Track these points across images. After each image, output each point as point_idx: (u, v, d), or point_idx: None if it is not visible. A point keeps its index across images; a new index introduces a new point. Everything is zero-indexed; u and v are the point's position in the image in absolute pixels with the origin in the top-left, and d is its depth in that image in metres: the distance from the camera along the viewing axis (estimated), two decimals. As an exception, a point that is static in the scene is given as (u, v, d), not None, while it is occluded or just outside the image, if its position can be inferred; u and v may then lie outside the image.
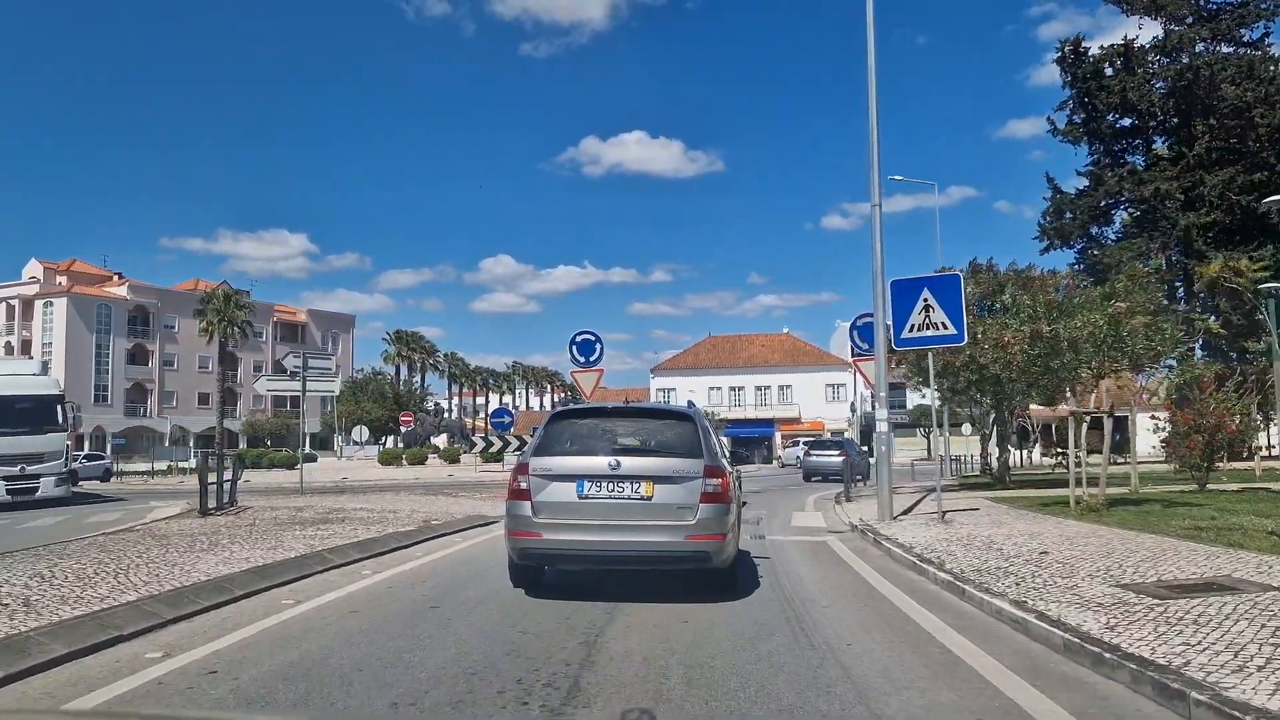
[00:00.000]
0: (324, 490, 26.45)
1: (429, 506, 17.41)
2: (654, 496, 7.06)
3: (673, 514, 7.05)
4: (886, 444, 13.91)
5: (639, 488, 7.06)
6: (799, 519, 16.43)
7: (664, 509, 7.05)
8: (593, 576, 8.08)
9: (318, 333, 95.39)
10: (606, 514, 7.04)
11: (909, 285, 13.36)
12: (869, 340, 23.45)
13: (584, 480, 7.10)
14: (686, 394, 74.74)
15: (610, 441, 7.40)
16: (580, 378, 26.25)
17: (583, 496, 7.08)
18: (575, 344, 26.41)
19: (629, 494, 7.06)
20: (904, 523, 13.37)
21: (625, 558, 7.21)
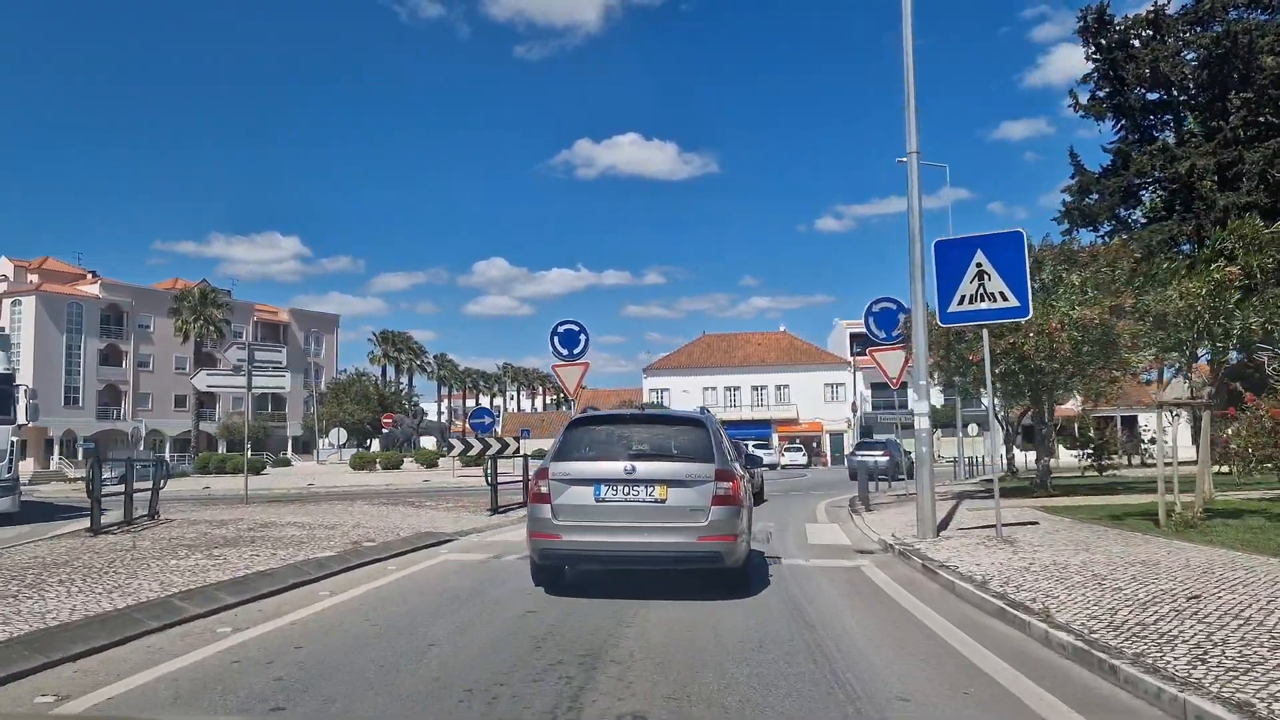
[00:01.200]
0: (276, 499, 23.78)
1: (377, 520, 14.79)
2: (668, 499, 7.38)
3: (686, 516, 7.34)
4: (927, 444, 11.35)
5: (653, 491, 7.39)
6: (815, 533, 13.87)
7: (677, 511, 7.35)
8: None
9: (300, 333, 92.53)
10: (622, 516, 7.37)
11: (958, 247, 10.80)
12: (888, 327, 20.95)
13: (601, 484, 7.45)
14: (680, 394, 72.20)
15: (626, 447, 7.69)
16: (562, 372, 23.65)
17: (600, 500, 7.42)
18: (557, 335, 23.79)
19: (644, 497, 7.39)
20: (951, 541, 10.81)
21: (640, 558, 7.52)
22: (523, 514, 17.32)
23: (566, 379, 23.73)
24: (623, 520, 7.37)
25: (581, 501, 7.44)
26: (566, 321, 24.16)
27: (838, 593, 8.05)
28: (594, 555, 7.65)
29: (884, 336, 20.07)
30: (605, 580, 8.14)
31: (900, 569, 9.56)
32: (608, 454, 7.61)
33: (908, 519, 14.88)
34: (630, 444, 7.75)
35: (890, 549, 11.01)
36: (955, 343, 17.19)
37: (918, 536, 11.32)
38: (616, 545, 7.40)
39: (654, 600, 7.41)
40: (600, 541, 7.41)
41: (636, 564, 7.63)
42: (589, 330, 23.83)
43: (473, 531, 13.91)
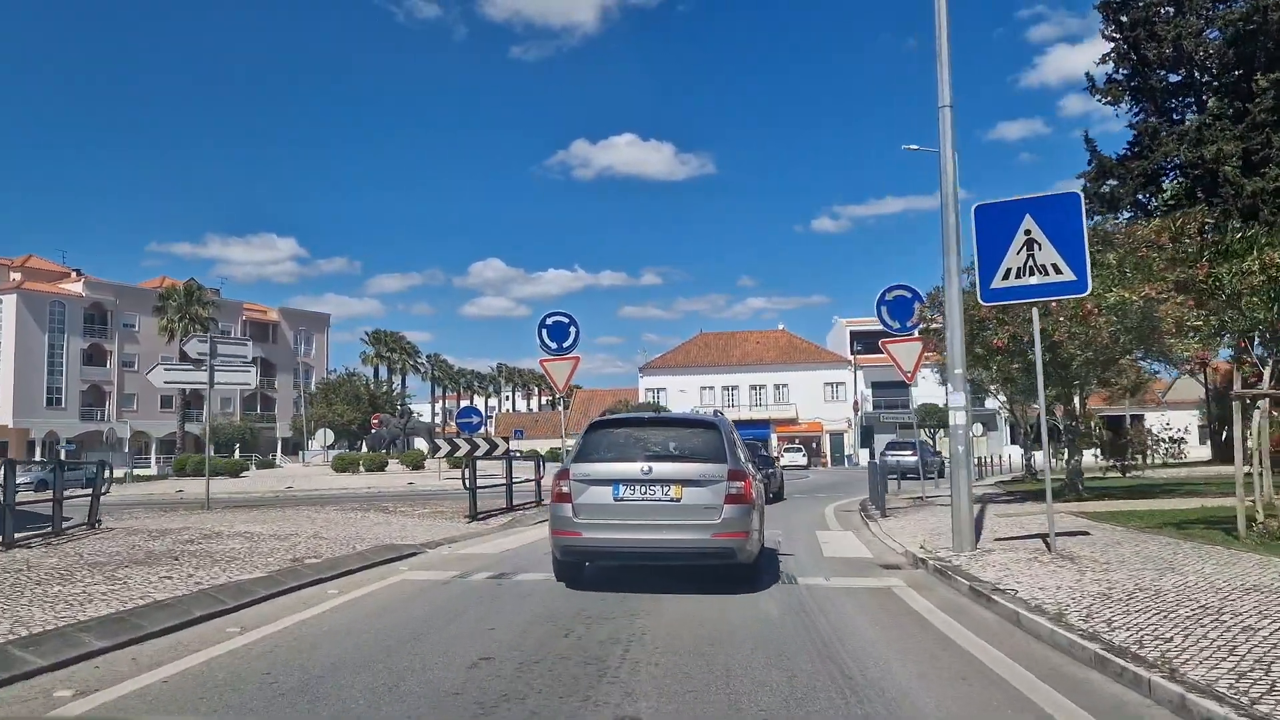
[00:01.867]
0: (242, 504, 22.19)
1: (340, 529, 13.22)
2: (683, 498, 7.73)
3: (700, 514, 7.69)
4: (964, 442, 9.79)
5: (669, 490, 7.75)
6: (830, 543, 12.33)
7: (692, 509, 7.71)
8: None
9: (290, 332, 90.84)
10: (640, 514, 7.73)
11: (1003, 213, 9.24)
12: (902, 317, 19.38)
13: (619, 484, 7.81)
14: (677, 394, 70.67)
15: (643, 448, 8.05)
16: (551, 367, 22.08)
17: (618, 499, 7.78)
18: (545, 328, 22.22)
19: (660, 496, 7.75)
20: (995, 555, 9.26)
21: (657, 554, 7.88)
22: (504, 521, 15.77)
23: (556, 374, 22.16)
24: (640, 518, 7.76)
25: (601, 500, 7.83)
26: (555, 313, 22.59)
27: (873, 626, 6.49)
28: (613, 551, 8.03)
29: (898, 327, 18.54)
30: (580, 629, 6.61)
31: (942, 592, 8.01)
32: (625, 455, 8.01)
33: (930, 526, 13.35)
34: (647, 446, 8.12)
35: (922, 564, 9.47)
36: (978, 330, 15.63)
37: (953, 549, 9.77)
38: (634, 542, 7.80)
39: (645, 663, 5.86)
40: (619, 538, 7.80)
41: (653, 559, 8.04)
42: (579, 323, 22.36)
43: (444, 543, 12.35)
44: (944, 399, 41.95)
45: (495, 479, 19.05)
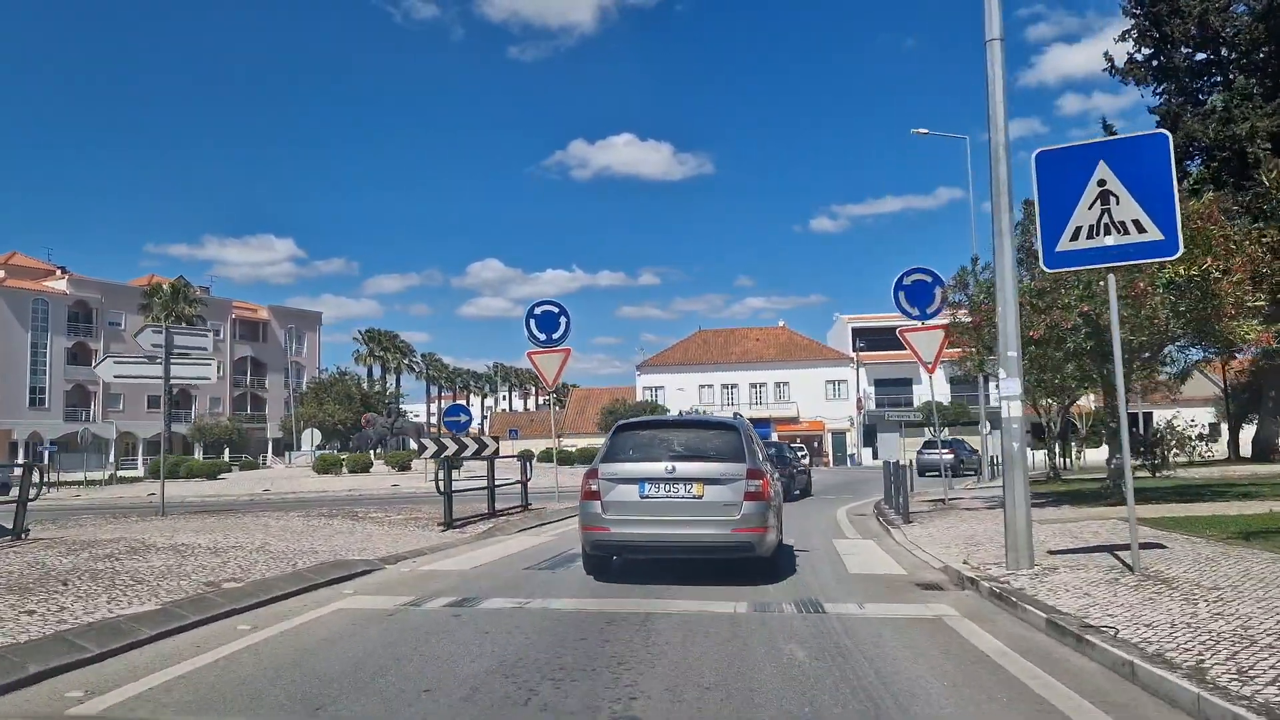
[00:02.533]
0: (207, 508, 20.59)
1: (293, 540, 11.59)
2: (704, 496, 8.25)
3: (720, 510, 8.20)
4: (1019, 438, 8.18)
5: (691, 488, 8.27)
6: (852, 555, 10.73)
7: (713, 506, 8.21)
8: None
9: (280, 331, 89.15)
10: (664, 511, 8.26)
11: (1070, 160, 7.65)
12: (922, 304, 17.76)
13: (645, 482, 8.35)
14: (675, 392, 69.06)
15: (667, 449, 8.58)
16: (541, 360, 20.46)
17: (644, 496, 8.31)
18: (534, 318, 20.61)
19: (683, 494, 8.27)
20: (1061, 575, 7.66)
21: (680, 547, 8.40)
22: (483, 529, 14.14)
23: (545, 368, 20.53)
24: (664, 514, 8.22)
25: (628, 498, 8.29)
26: (544, 302, 20.97)
27: (935, 677, 4.88)
28: (639, 545, 8.43)
29: (917, 314, 16.92)
30: (547, 692, 4.97)
31: (1007, 624, 6.40)
32: (650, 455, 8.48)
33: (964, 535, 11.76)
34: (670, 446, 8.58)
35: (971, 585, 7.87)
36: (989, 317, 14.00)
37: (1008, 566, 8.16)
38: (659, 536, 8.26)
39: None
40: (644, 533, 8.26)
41: (677, 553, 8.49)
42: (570, 314, 20.75)
43: (409, 556, 10.73)
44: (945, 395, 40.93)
45: (479, 481, 17.44)
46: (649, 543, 8.34)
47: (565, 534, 13.98)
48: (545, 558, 10.63)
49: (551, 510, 17.68)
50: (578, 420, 77.57)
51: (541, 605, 7.24)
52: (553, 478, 22.67)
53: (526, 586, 8.35)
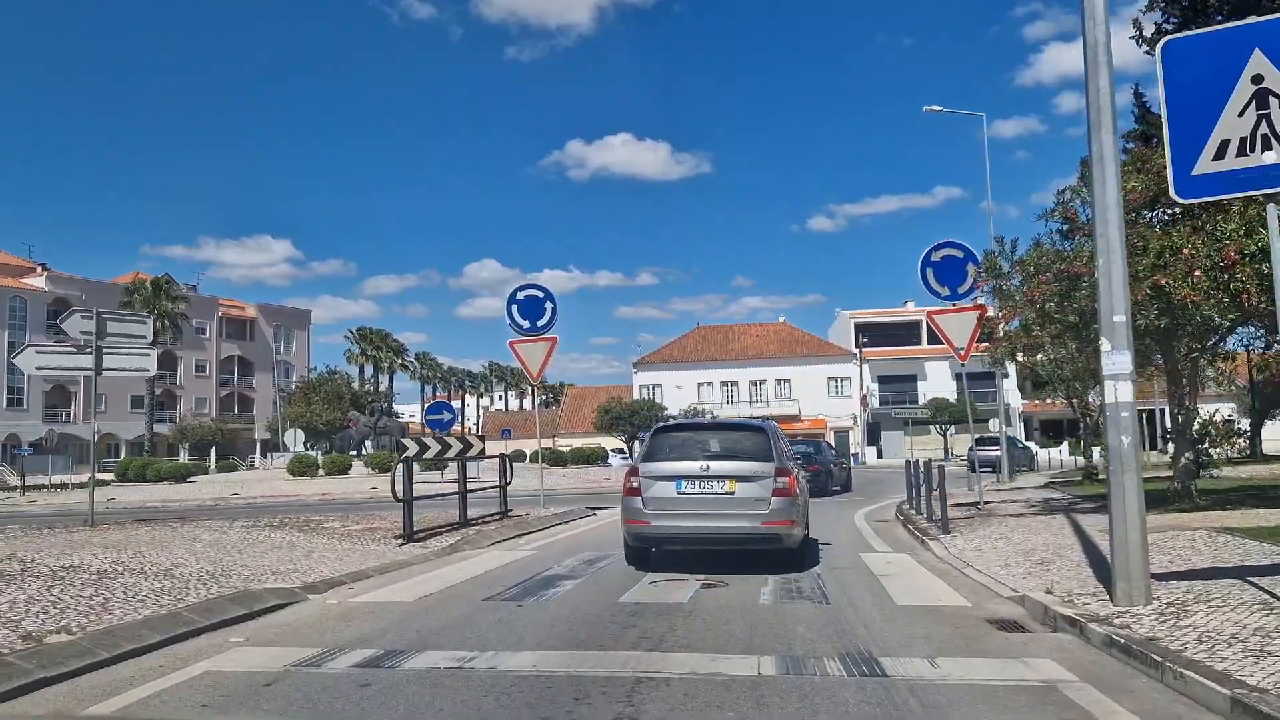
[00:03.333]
0: (154, 516, 18.51)
1: (213, 560, 9.57)
2: (736, 492, 8.93)
3: (751, 505, 8.86)
4: (1130, 430, 6.17)
5: (724, 485, 8.95)
6: (892, 576, 8.75)
7: (744, 501, 8.88)
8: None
9: (269, 329, 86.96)
10: (699, 506, 8.95)
11: (1211, 50, 5.65)
12: (953, 282, 15.71)
13: (682, 480, 9.03)
14: (673, 390, 67.05)
15: (701, 449, 9.28)
16: (524, 349, 18.43)
17: (681, 493, 9.00)
18: (516, 303, 18.56)
19: (717, 490, 8.95)
20: (1199, 614, 5.66)
21: (714, 539, 9.06)
22: (448, 542, 12.08)
23: (528, 357, 18.48)
24: (700, 509, 8.96)
25: (666, 494, 9.06)
26: (528, 286, 18.93)
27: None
28: (676, 537, 9.22)
29: (947, 295, 14.93)
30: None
31: (1156, 697, 4.41)
32: (686, 455, 9.24)
33: (1022, 549, 9.77)
34: (705, 447, 9.35)
35: (1070, 625, 5.86)
36: (1059, 292, 11.91)
37: (1118, 600, 6.15)
38: (695, 529, 9.01)
39: None
40: (681, 526, 9.02)
41: (711, 544, 9.20)
42: (556, 298, 18.73)
43: (347, 580, 8.71)
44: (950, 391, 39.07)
45: (473, 484, 15.42)
46: (686, 534, 9.08)
47: (546, 547, 11.95)
48: (514, 583, 8.61)
49: (535, 518, 15.66)
50: (573, 419, 75.53)
51: (490, 665, 5.23)
52: (548, 481, 20.67)
53: (478, 629, 6.35)
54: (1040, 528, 11.79)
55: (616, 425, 59.68)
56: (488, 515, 15.32)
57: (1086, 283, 11.37)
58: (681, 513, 8.95)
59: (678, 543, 9.38)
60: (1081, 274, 11.30)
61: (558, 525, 15.25)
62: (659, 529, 9.09)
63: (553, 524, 15.29)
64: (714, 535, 8.97)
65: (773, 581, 8.42)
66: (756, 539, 8.89)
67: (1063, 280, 11.60)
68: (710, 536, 9.00)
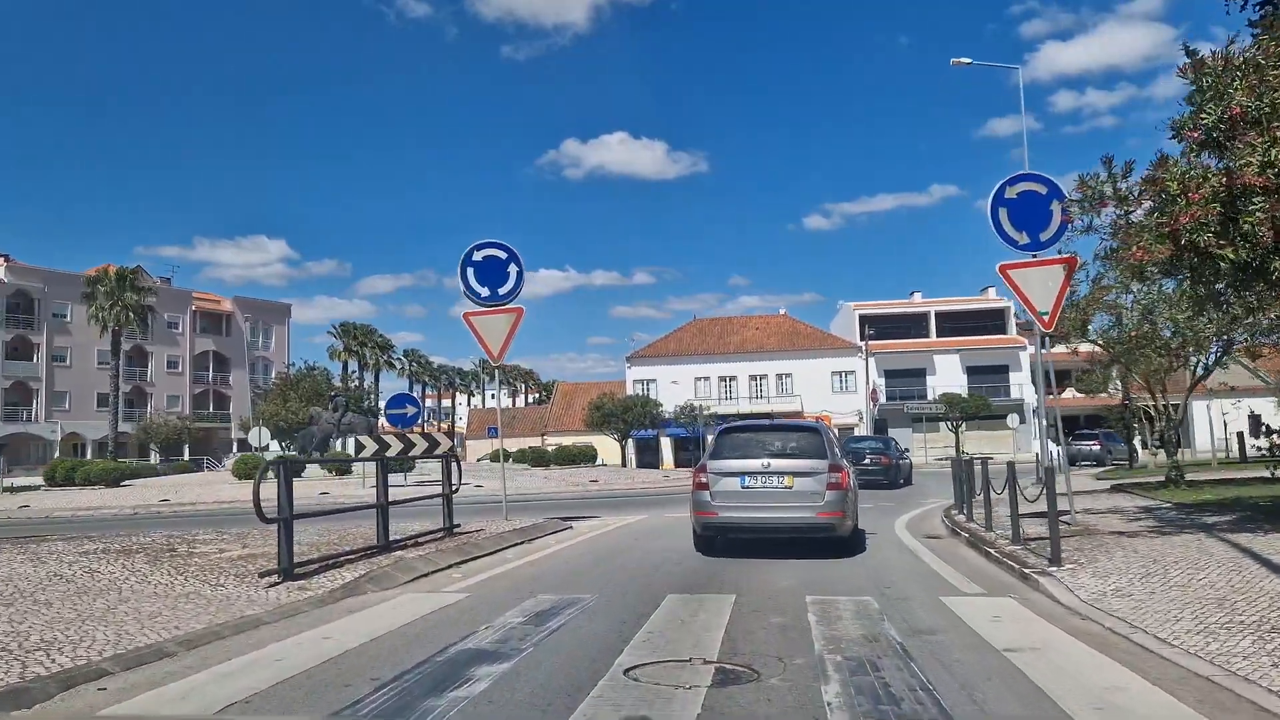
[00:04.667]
0: (39, 527, 14.94)
1: None
2: (793, 486, 9.90)
3: (807, 498, 9.82)
4: None
5: (783, 480, 9.95)
6: (1019, 647, 5.26)
7: (801, 495, 9.84)
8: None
9: (246, 323, 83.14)
10: (761, 499, 9.94)
11: None
12: (1033, 227, 12.06)
13: (745, 476, 10.03)
14: (668, 386, 63.53)
15: (763, 449, 10.25)
16: (482, 324, 14.87)
17: (745, 487, 10.01)
18: (472, 265, 15.00)
19: (776, 485, 9.96)
20: None
21: (774, 528, 10.04)
22: (347, 579, 8.46)
23: (488, 333, 14.92)
24: (762, 501, 9.93)
25: (732, 488, 10.01)
26: (487, 245, 15.33)
27: None
28: (741, 526, 10.11)
29: (1026, 243, 11.39)
30: None
31: None
32: (749, 454, 10.19)
33: (1189, 595, 6.27)
34: (765, 446, 10.29)
35: None
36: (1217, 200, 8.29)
37: None
38: (757, 519, 9.98)
39: None
40: (746, 516, 9.99)
41: (771, 532, 10.11)
42: (523, 261, 15.23)
43: (122, 668, 5.19)
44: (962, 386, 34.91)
45: (434, 489, 11.90)
46: (749, 524, 10.07)
47: (488, 585, 8.40)
48: (396, 673, 5.07)
49: (489, 536, 12.13)
50: (564, 417, 71.92)
51: None
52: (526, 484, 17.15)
53: None
54: (1194, 556, 8.31)
55: (608, 423, 56.06)
56: (427, 534, 11.79)
57: (1263, 200, 7.83)
58: (745, 504, 9.96)
59: (742, 532, 10.23)
60: (1255, 186, 7.77)
61: (516, 546, 11.73)
62: (725, 519, 10.07)
63: (511, 544, 11.77)
64: (774, 524, 9.98)
65: (836, 673, 4.91)
66: (812, 528, 9.85)
67: (1222, 200, 8.07)
68: (770, 525, 10.01)
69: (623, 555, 10.82)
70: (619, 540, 12.57)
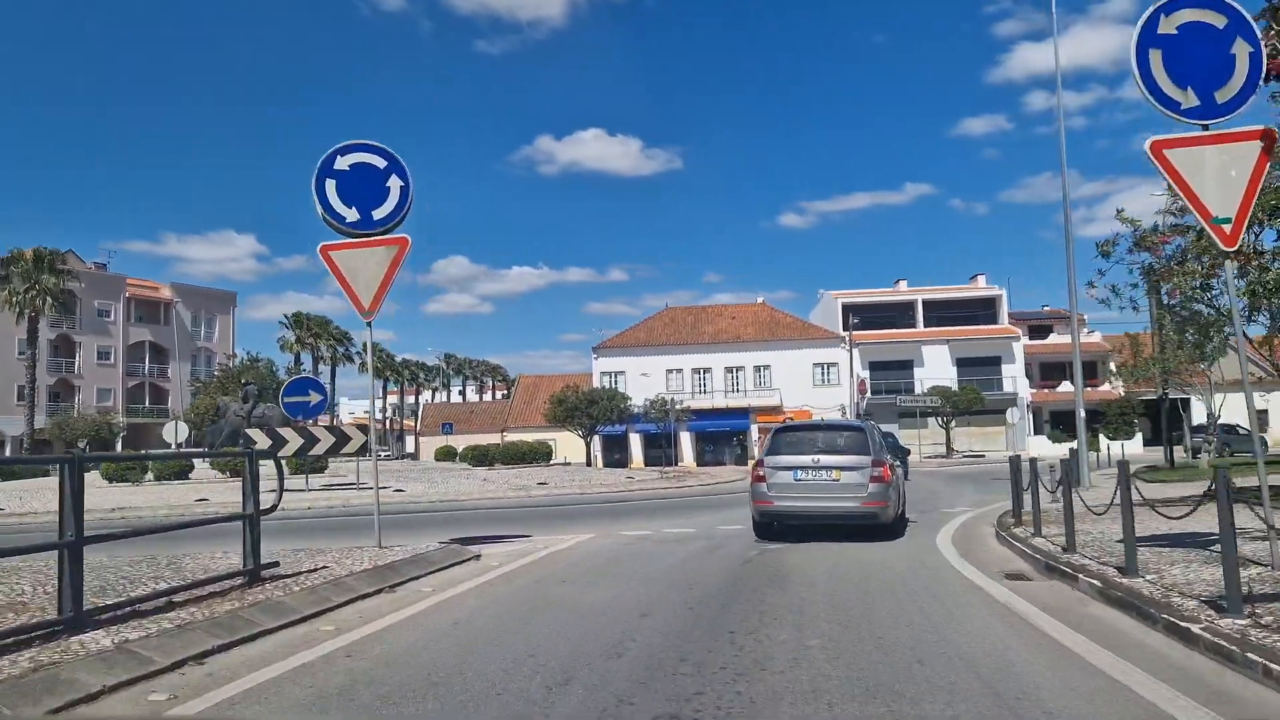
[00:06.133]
0: None
1: None
2: (840, 479, 11.22)
3: (853, 490, 11.12)
4: None
5: (832, 474, 11.28)
6: None
7: (847, 486, 11.16)
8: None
9: (187, 312, 77.51)
10: (812, 490, 11.31)
11: None
12: (1206, 76, 7.46)
13: (798, 470, 11.42)
14: (637, 378, 58.99)
15: (813, 446, 11.72)
16: (345, 260, 9.97)
17: (797, 480, 11.39)
18: (334, 176, 10.14)
19: (825, 478, 11.30)
20: None
21: (823, 516, 11.28)
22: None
23: (355, 274, 10.05)
24: (812, 493, 11.30)
25: (786, 481, 11.43)
26: (356, 147, 10.70)
27: None
28: (793, 514, 11.45)
29: (1194, 106, 6.96)
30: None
31: None
32: (801, 450, 11.66)
33: None
34: (816, 444, 11.78)
35: None
36: None
37: None
38: (808, 508, 11.29)
39: None
40: (798, 505, 11.34)
41: (820, 520, 11.28)
42: (410, 175, 10.59)
43: None
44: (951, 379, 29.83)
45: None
46: (801, 512, 11.37)
47: None
48: None
49: (323, 583, 7.50)
50: (525, 412, 67.16)
51: None
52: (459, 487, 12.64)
53: None
54: None
55: (572, 418, 51.37)
56: (210, 580, 7.14)
57: None
58: (798, 495, 11.36)
59: (795, 519, 11.51)
60: None
61: (355, 602, 7.11)
62: (780, 508, 11.47)
63: (349, 598, 7.15)
64: (823, 513, 11.26)
65: None
66: (857, 516, 11.11)
67: None
68: (820, 514, 11.28)
69: (531, 626, 6.28)
70: (535, 591, 8.01)
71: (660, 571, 8.82)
